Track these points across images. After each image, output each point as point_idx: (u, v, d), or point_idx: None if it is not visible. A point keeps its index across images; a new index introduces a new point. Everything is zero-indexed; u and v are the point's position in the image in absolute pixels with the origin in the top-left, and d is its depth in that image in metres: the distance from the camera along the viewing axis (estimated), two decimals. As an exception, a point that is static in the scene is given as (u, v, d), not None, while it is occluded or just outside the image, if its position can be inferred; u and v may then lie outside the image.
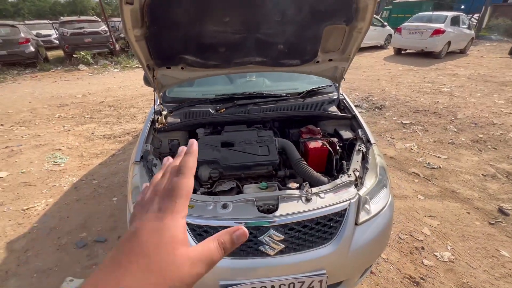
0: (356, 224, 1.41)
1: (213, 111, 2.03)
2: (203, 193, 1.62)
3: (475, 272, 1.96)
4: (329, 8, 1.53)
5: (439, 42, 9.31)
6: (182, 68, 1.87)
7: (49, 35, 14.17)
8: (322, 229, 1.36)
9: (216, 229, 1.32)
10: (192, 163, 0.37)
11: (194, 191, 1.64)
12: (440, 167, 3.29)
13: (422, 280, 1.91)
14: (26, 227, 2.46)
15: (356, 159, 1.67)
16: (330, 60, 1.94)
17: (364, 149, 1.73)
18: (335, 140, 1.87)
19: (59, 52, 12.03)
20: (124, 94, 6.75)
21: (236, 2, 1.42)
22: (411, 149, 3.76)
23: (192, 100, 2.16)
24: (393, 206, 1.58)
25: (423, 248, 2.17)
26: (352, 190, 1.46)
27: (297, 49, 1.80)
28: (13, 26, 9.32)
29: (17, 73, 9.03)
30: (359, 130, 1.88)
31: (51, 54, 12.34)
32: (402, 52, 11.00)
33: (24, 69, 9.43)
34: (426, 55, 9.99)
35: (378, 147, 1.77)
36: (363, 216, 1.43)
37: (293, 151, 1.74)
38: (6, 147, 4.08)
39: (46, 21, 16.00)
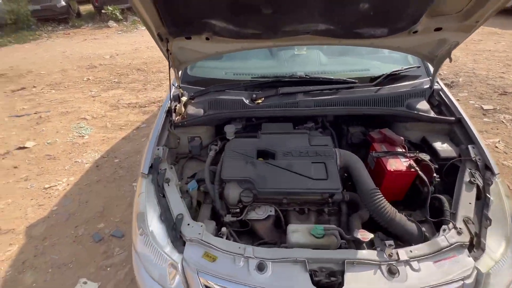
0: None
1: (247, 101, 1.48)
2: (230, 223, 1.18)
3: None
4: None
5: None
6: (207, 39, 1.29)
7: (81, -12, 13.71)
8: (413, 323, 0.86)
9: (247, 303, 0.89)
10: None
11: (218, 217, 1.21)
12: (540, 178, 2.46)
13: None
14: (46, 210, 2.33)
15: (467, 199, 1.06)
16: (438, 29, 1.21)
17: (480, 183, 1.10)
18: (426, 158, 1.24)
19: (91, 7, 11.68)
20: (151, 56, 6.31)
21: None
22: (496, 147, 2.89)
23: (220, 82, 1.60)
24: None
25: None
26: (466, 259, 0.90)
27: (390, 11, 1.10)
28: (44, -22, 8.97)
29: (51, 30, 8.97)
30: (469, 147, 1.22)
31: (83, 8, 12.04)
32: (482, 8, 8.71)
33: (58, 26, 9.33)
34: (515, 13, 7.77)
35: (505, 181, 1.12)
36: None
37: (362, 174, 1.18)
38: (35, 113, 4.01)
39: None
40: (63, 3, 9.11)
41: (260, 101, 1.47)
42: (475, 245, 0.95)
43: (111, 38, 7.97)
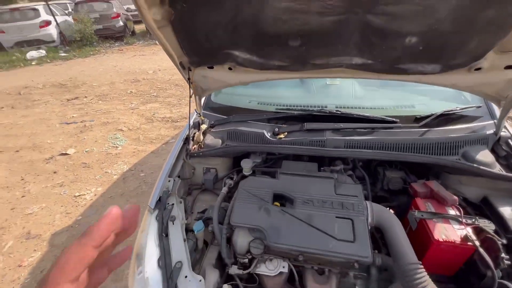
0: None
1: (269, 135, 1.35)
2: (235, 276, 1.03)
3: None
4: None
5: None
6: (229, 69, 1.22)
7: (138, 10, 15.40)
8: None
9: None
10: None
11: (224, 264, 1.08)
12: None
13: None
14: (72, 219, 2.42)
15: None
16: (509, 67, 0.97)
17: None
18: (490, 227, 0.97)
19: (143, 26, 12.97)
20: (189, 72, 6.63)
21: None
22: None
23: (243, 111, 1.51)
24: None
25: None
26: None
27: (446, 46, 0.91)
28: (108, 1, 10.26)
29: (109, 46, 10.09)
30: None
31: (138, 27, 13.44)
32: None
33: (114, 42, 10.47)
34: None
35: None
36: None
37: (400, 240, 0.95)
38: (82, 121, 4.39)
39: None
40: (121, 23, 10.25)
41: (282, 136, 1.33)
42: None
43: (157, 55, 8.64)
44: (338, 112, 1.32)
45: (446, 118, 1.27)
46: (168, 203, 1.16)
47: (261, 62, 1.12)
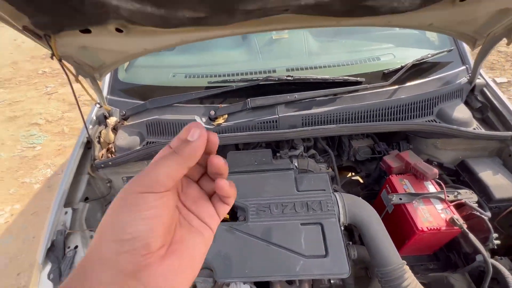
0: None
1: (203, 121, 0.99)
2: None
3: None
4: None
5: None
6: (119, 31, 0.77)
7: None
8: None
9: None
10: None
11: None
12: None
13: None
14: None
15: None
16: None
17: None
18: (473, 200, 0.83)
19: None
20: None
21: None
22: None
23: (165, 91, 1.09)
24: None
25: None
26: None
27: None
28: None
29: None
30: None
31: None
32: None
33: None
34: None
35: None
36: None
37: (379, 238, 0.76)
38: (-22, 120, 3.39)
39: None
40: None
41: (222, 120, 0.98)
42: None
43: (71, 19, 6.96)
44: (290, 78, 0.99)
45: (417, 70, 1.04)
46: (69, 247, 0.80)
47: (162, 15, 0.70)
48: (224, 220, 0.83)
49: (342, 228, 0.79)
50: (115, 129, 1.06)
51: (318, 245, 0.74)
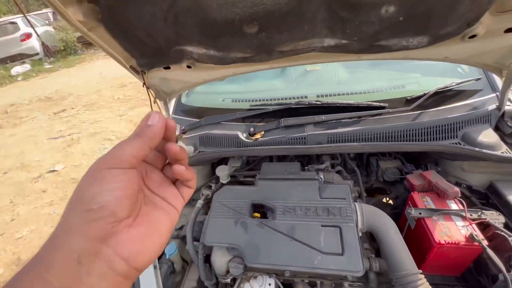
0: None
1: (244, 136, 1.21)
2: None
3: None
4: None
5: None
6: (189, 67, 1.07)
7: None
8: None
9: None
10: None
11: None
12: None
13: None
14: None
15: None
16: (509, 30, 0.81)
17: None
18: (499, 221, 0.84)
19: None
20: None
21: None
22: None
23: (216, 111, 1.36)
24: None
25: None
26: None
27: (431, 13, 0.74)
28: (86, 6, 9.92)
29: (93, 53, 9.84)
30: None
31: (122, 30, 13.07)
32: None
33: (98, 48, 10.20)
34: None
35: None
36: None
37: (395, 246, 0.82)
38: (69, 134, 4.27)
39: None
40: (103, 27, 9.95)
41: (259, 135, 1.19)
42: None
43: (143, 56, 8.41)
44: (319, 102, 1.16)
45: (441, 96, 1.12)
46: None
47: (220, 56, 0.97)
48: (255, 217, 0.99)
49: (360, 234, 0.88)
50: (175, 141, 1.35)
51: (336, 244, 0.83)
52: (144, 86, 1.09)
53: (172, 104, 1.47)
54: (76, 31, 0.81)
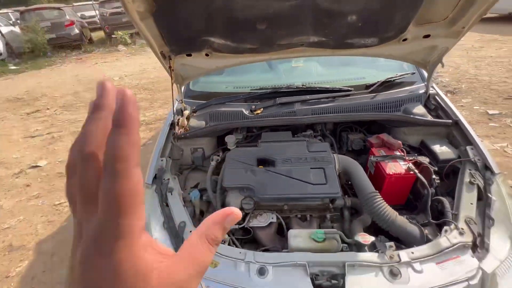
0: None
1: (247, 112, 1.53)
2: (232, 230, 1.20)
3: None
4: None
5: (539, 1, 7.14)
6: (207, 55, 1.38)
7: (93, 16, 14.63)
8: (418, 327, 0.84)
9: (249, 307, 0.89)
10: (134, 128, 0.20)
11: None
12: (554, 182, 2.39)
13: None
14: (56, 226, 2.38)
15: (468, 200, 1.05)
16: (427, 36, 1.26)
17: (481, 183, 1.09)
18: (425, 160, 1.25)
19: (103, 33, 12.39)
20: (158, 75, 6.57)
21: None
22: (505, 151, 2.84)
23: (221, 95, 1.68)
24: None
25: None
26: (470, 260, 0.89)
27: (378, 22, 1.16)
28: (59, 9, 9.65)
29: (65, 56, 9.50)
30: (467, 148, 1.23)
31: (95, 35, 12.77)
32: (480, 17, 8.83)
33: (71, 52, 9.88)
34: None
35: (506, 180, 1.11)
36: (487, 306, 0.86)
37: (361, 178, 1.19)
38: (48, 133, 4.18)
39: (90, 2, 16.53)
40: (77, 31, 9.71)
41: (259, 111, 1.52)
42: (479, 246, 0.93)
43: (120, 61, 8.36)
44: (304, 87, 1.54)
45: (389, 84, 1.57)
46: (164, 179, 1.29)
47: (235, 46, 1.30)
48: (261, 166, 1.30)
49: (337, 173, 1.23)
50: (187, 118, 1.62)
51: (321, 178, 1.18)
52: (170, 68, 1.37)
53: (182, 89, 1.74)
54: (129, 18, 1.08)
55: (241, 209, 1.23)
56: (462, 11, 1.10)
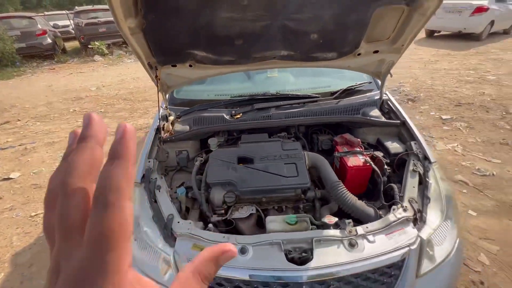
0: (417, 276, 1.06)
1: (228, 117, 1.70)
2: (216, 222, 1.32)
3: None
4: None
5: (481, 21, 8.21)
6: (190, 66, 1.53)
7: (67, 26, 14.23)
8: (372, 286, 1.02)
9: (232, 282, 1.02)
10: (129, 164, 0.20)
11: (205, 220, 1.35)
12: (493, 174, 2.78)
13: (485, 329, 1.54)
14: (33, 237, 2.32)
15: (412, 184, 1.29)
16: (376, 51, 1.52)
17: (421, 170, 1.33)
18: (380, 155, 1.48)
19: (77, 43, 12.06)
20: (137, 86, 6.56)
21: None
22: (455, 150, 3.24)
23: (203, 102, 1.83)
24: (462, 248, 1.20)
25: (482, 283, 1.78)
26: (411, 230, 1.10)
27: (335, 39, 1.40)
28: (30, 18, 9.33)
29: (36, 66, 9.13)
30: (411, 143, 1.48)
31: (69, 45, 12.41)
32: (435, 34, 9.91)
33: (43, 62, 9.51)
34: (463, 37, 8.90)
35: (440, 167, 1.37)
36: (426, 266, 1.07)
37: (327, 170, 1.39)
38: (20, 145, 4.02)
39: (63, 12, 16.07)
40: (49, 40, 9.40)
41: (238, 116, 1.69)
42: (418, 219, 1.15)
43: (97, 71, 8.21)
44: (278, 94, 1.75)
45: (351, 91, 1.82)
46: (152, 178, 1.40)
47: (215, 58, 1.47)
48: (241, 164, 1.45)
49: (307, 168, 1.42)
50: (172, 124, 1.75)
51: (293, 172, 1.36)
52: (156, 77, 1.50)
53: (167, 97, 1.87)
54: (120, 33, 1.21)
55: (224, 202, 1.37)
56: (400, 32, 1.37)
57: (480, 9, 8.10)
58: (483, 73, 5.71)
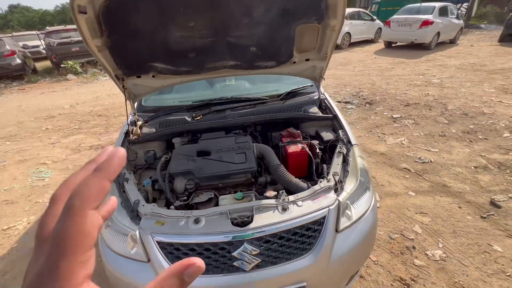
0: (336, 231, 1.34)
1: (189, 119, 1.96)
2: (179, 206, 1.55)
3: (467, 270, 1.91)
4: (298, 7, 1.47)
5: (428, 33, 9.28)
6: (153, 76, 1.79)
7: (37, 46, 13.99)
8: (300, 239, 1.29)
9: (188, 246, 1.25)
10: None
11: (169, 204, 1.57)
12: (431, 161, 3.24)
13: (413, 282, 1.85)
14: (6, 248, 2.37)
15: (337, 162, 1.60)
16: (307, 60, 1.87)
17: (344, 151, 1.66)
18: (315, 142, 1.80)
19: (48, 63, 11.88)
20: (113, 102, 6.65)
21: (198, 5, 1.35)
22: (402, 143, 3.70)
23: (168, 108, 2.09)
24: (376, 209, 1.52)
25: (414, 248, 2.11)
26: (332, 195, 1.40)
27: (271, 51, 1.73)
28: (-3, 38, 9.17)
29: (4, 87, 8.89)
30: (340, 131, 1.82)
31: (39, 65, 12.19)
32: (393, 45, 10.97)
33: (11, 82, 9.29)
34: (416, 47, 9.96)
35: (360, 148, 1.71)
36: (344, 223, 1.36)
37: (271, 156, 1.67)
38: (-11, 164, 3.97)
39: (33, 32, 15.79)
40: (19, 61, 9.25)
41: (199, 117, 1.96)
42: (339, 188, 1.46)
43: (71, 90, 8.17)
44: (233, 98, 2.05)
45: (295, 93, 2.16)
46: (121, 172, 1.60)
47: (174, 69, 1.75)
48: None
49: (255, 156, 1.70)
50: (140, 128, 1.97)
51: (243, 159, 1.63)
52: (123, 87, 1.75)
53: (135, 105, 2.10)
54: (89, 50, 1.46)
55: (186, 189, 1.60)
56: (321, 43, 1.73)
57: (426, 23, 9.18)
58: (430, 77, 6.47)
